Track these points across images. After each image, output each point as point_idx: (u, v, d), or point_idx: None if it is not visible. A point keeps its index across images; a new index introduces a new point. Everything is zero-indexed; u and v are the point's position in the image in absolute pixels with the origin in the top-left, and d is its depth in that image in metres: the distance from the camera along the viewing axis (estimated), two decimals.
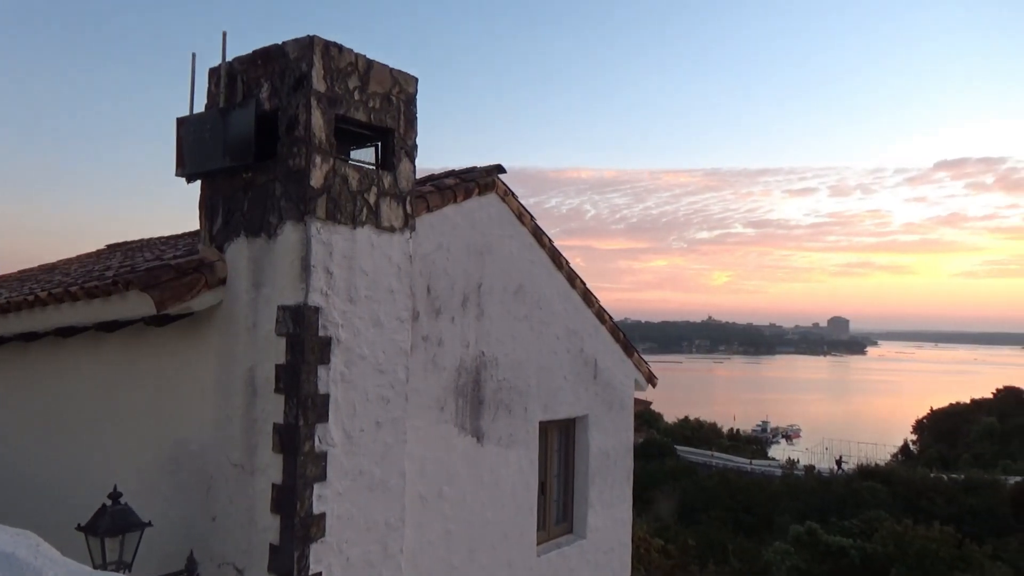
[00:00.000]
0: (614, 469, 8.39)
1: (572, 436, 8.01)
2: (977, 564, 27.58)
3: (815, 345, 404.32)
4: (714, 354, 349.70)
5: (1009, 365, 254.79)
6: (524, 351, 6.88)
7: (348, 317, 4.47)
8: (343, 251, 4.46)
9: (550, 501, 7.66)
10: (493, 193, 6.53)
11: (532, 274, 7.01)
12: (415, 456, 5.47)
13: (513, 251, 6.77)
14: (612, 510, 8.32)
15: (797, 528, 30.33)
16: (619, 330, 8.44)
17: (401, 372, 4.81)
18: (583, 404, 7.85)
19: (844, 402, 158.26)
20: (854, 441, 71.12)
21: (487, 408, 6.37)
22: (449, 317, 5.96)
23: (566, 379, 7.54)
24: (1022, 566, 30.49)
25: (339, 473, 4.40)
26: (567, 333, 7.55)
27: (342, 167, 4.51)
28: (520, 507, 6.77)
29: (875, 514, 33.39)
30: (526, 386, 6.90)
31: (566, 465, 7.99)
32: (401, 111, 4.88)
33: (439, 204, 5.81)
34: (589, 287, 7.87)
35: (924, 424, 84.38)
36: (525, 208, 6.92)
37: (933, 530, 29.84)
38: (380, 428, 4.66)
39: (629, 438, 8.77)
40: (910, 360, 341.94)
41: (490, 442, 6.39)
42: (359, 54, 4.63)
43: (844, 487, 43.01)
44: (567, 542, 7.68)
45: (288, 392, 4.25)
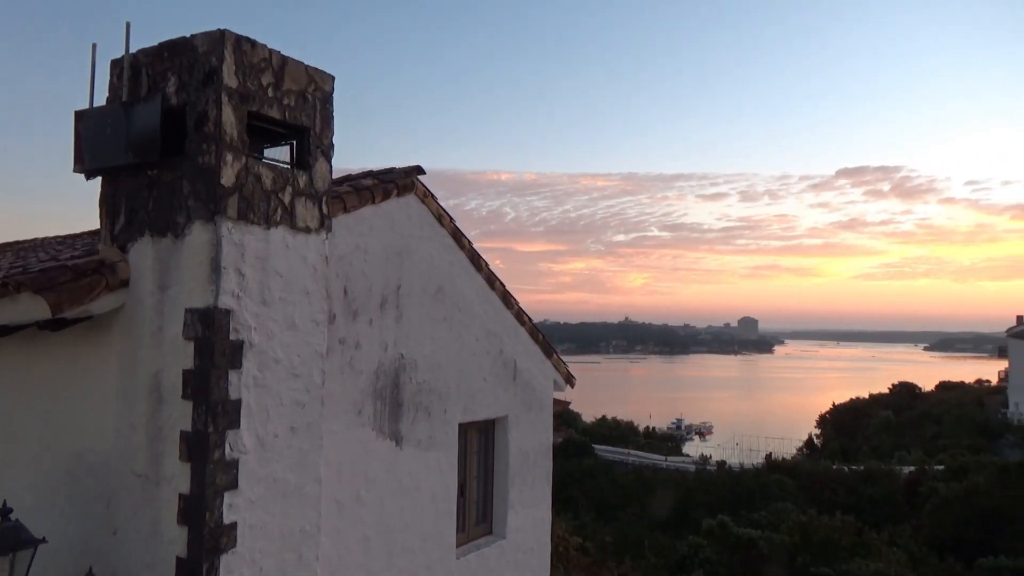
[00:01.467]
0: (534, 469, 8.45)
1: (492, 437, 8.02)
2: (875, 550, 29.11)
3: (726, 344, 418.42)
4: (631, 354, 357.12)
5: (903, 362, 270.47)
6: (444, 353, 6.85)
7: (261, 320, 4.34)
8: (256, 252, 4.32)
9: (470, 503, 7.65)
10: (412, 194, 6.47)
11: (452, 276, 6.99)
12: (332, 461, 5.36)
13: (432, 253, 6.73)
14: (532, 510, 8.38)
15: (709, 522, 31.31)
16: (538, 331, 8.51)
17: (317, 376, 4.71)
18: (503, 405, 7.88)
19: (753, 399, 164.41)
20: (763, 436, 73.88)
21: (406, 411, 6.31)
22: (367, 319, 5.87)
23: (486, 380, 7.54)
24: (915, 551, 32.37)
25: (252, 481, 4.27)
26: (487, 335, 7.56)
27: (255, 166, 4.37)
28: (439, 510, 6.73)
29: (782, 506, 34.83)
30: (446, 388, 6.87)
31: (486, 466, 8.00)
32: (317, 109, 4.78)
33: (356, 205, 5.72)
34: (509, 289, 7.90)
35: (827, 419, 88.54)
36: (445, 210, 6.89)
37: (835, 519, 31.33)
38: (295, 433, 4.54)
39: (548, 438, 8.85)
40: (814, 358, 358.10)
41: (409, 445, 6.33)
42: (273, 50, 4.50)
43: (753, 481, 44.65)
44: (487, 543, 7.68)
45: (196, 398, 4.09)
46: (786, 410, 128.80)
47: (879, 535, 32.19)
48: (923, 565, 30.29)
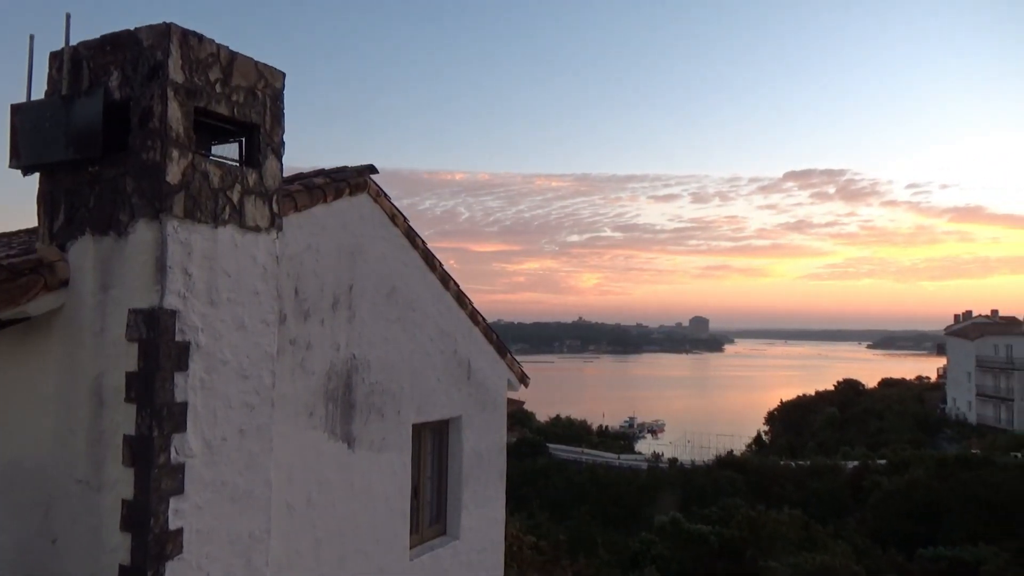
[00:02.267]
0: (487, 469, 8.45)
1: (446, 437, 8.00)
2: (821, 543, 29.87)
3: (678, 343, 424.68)
4: (584, 354, 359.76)
5: (848, 360, 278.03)
6: (397, 353, 6.80)
7: (209, 320, 4.24)
8: (203, 251, 4.23)
9: (423, 503, 7.62)
10: (365, 194, 6.41)
11: (405, 276, 6.94)
12: (282, 464, 5.27)
13: (386, 253, 6.67)
14: (485, 510, 8.38)
15: (661, 518, 31.73)
16: (492, 331, 8.51)
17: (267, 377, 4.62)
18: (457, 405, 7.86)
19: (704, 397, 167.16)
20: (713, 433, 75.18)
21: (359, 412, 6.25)
22: (319, 320, 5.79)
23: (439, 381, 7.51)
24: (859, 543, 33.31)
25: (199, 485, 4.17)
26: (440, 335, 7.53)
27: (202, 163, 4.27)
28: (392, 511, 6.68)
29: (732, 501, 35.47)
30: (399, 389, 6.82)
31: (439, 466, 7.97)
32: (267, 106, 4.69)
33: (308, 204, 5.64)
34: (463, 289, 7.89)
35: (775, 415, 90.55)
36: (398, 209, 6.84)
37: (783, 514, 32.05)
38: (244, 436, 4.46)
39: (502, 438, 8.86)
40: (763, 356, 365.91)
41: (362, 447, 6.27)
42: (221, 45, 4.41)
43: (704, 477, 45.39)
44: (440, 544, 7.66)
45: (140, 401, 3.98)
46: (736, 407, 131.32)
47: (825, 528, 33.05)
48: (867, 557, 31.19)
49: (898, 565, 30.80)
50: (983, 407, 72.61)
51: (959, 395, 78.23)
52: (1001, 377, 70.45)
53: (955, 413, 77.09)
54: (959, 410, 76.93)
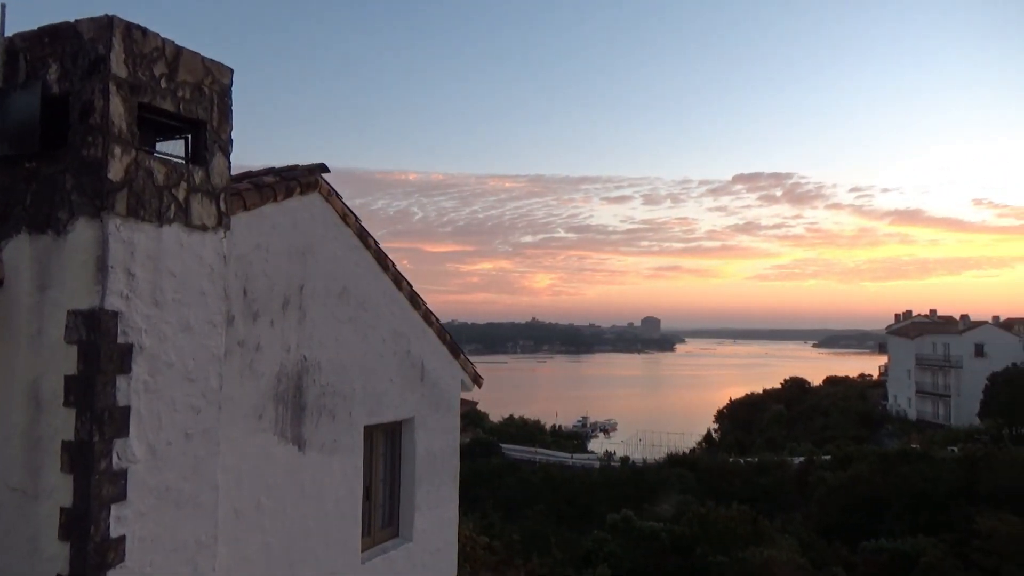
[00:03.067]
0: (441, 470, 8.41)
1: (399, 439, 7.93)
2: (769, 538, 30.51)
3: (630, 343, 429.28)
4: (538, 354, 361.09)
5: (794, 358, 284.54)
6: (349, 354, 6.72)
7: (153, 322, 4.13)
8: (147, 251, 4.11)
9: (376, 506, 7.54)
10: (316, 193, 6.32)
11: (357, 276, 6.87)
12: (230, 468, 5.17)
13: (337, 253, 6.59)
14: (439, 511, 8.34)
15: (614, 516, 32.03)
16: (446, 332, 8.48)
17: (214, 380, 4.52)
18: (410, 406, 7.80)
19: (656, 396, 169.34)
20: (664, 432, 76.18)
21: (309, 414, 6.15)
22: (268, 320, 5.69)
23: (392, 382, 7.45)
24: (805, 537, 34.14)
25: (142, 491, 4.06)
26: (393, 335, 7.47)
27: (146, 160, 4.16)
28: (344, 514, 6.60)
29: (683, 498, 36.03)
30: (351, 390, 6.74)
31: (392, 468, 7.91)
32: (214, 103, 4.59)
33: (257, 203, 5.53)
34: (416, 289, 7.84)
35: (724, 413, 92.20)
36: (350, 209, 6.76)
37: (732, 510, 32.63)
38: (190, 440, 4.35)
39: (455, 438, 8.83)
40: (712, 356, 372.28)
41: (312, 449, 6.18)
42: (167, 39, 4.30)
43: (655, 475, 45.98)
44: (393, 546, 7.60)
45: (80, 405, 3.85)
46: (687, 406, 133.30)
47: (772, 523, 33.78)
48: (812, 550, 31.99)
49: (842, 558, 31.67)
50: (922, 403, 75.07)
51: (899, 392, 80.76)
52: (939, 374, 72.92)
53: (896, 409, 79.56)
54: (900, 407, 79.41)
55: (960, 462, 42.45)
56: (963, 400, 67.04)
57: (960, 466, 41.54)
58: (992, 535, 30.34)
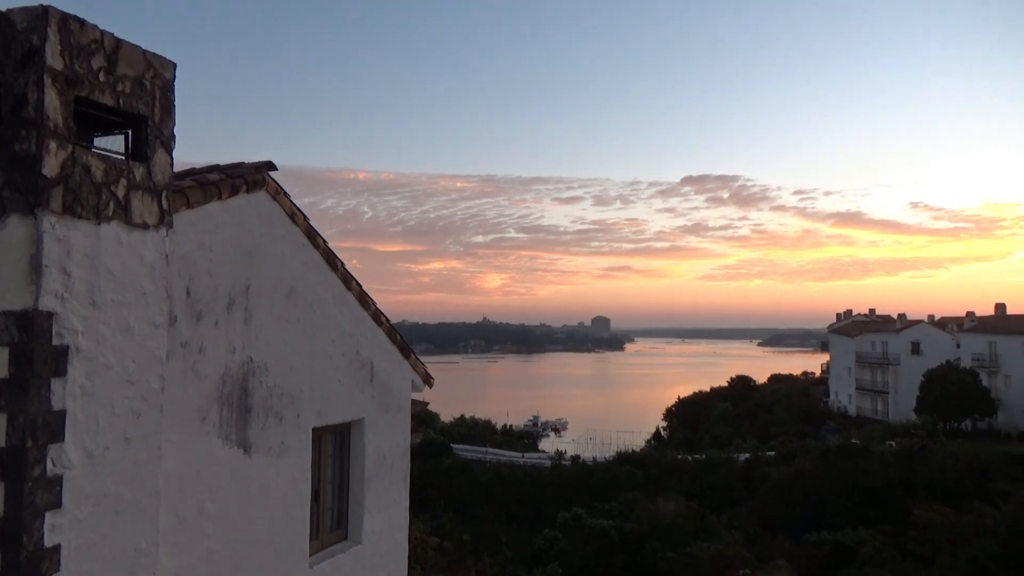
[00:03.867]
0: (391, 471, 8.35)
1: (348, 440, 7.84)
2: (715, 533, 31.10)
3: (580, 343, 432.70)
4: (489, 354, 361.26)
5: (741, 357, 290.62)
6: (297, 355, 6.61)
7: (90, 323, 4.00)
8: (84, 249, 3.98)
9: (324, 509, 7.44)
10: (263, 191, 6.20)
11: (305, 276, 6.76)
12: (172, 473, 5.04)
13: (285, 252, 6.48)
14: (389, 513, 8.27)
15: (564, 515, 32.24)
16: (396, 332, 8.41)
17: (155, 382, 4.40)
18: (359, 407, 7.72)
19: (606, 395, 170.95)
20: (614, 430, 77.00)
21: (255, 417, 6.04)
22: (212, 321, 5.56)
23: (341, 383, 7.36)
24: (750, 531, 34.89)
25: (78, 498, 3.92)
26: (342, 336, 7.38)
27: (84, 155, 4.02)
28: (291, 518, 6.49)
29: (632, 496, 36.48)
30: (298, 392, 6.63)
31: (341, 470, 7.81)
32: (156, 98, 4.46)
33: (201, 200, 5.40)
34: (366, 289, 7.76)
35: (672, 411, 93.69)
36: (298, 208, 6.65)
37: (680, 506, 33.15)
38: (129, 445, 4.22)
39: (406, 439, 8.77)
40: (661, 355, 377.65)
41: (258, 452, 6.06)
42: (106, 31, 4.16)
43: (605, 473, 46.45)
44: (342, 549, 7.50)
45: (12, 410, 3.70)
46: (636, 405, 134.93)
47: (719, 518, 34.45)
48: (757, 543, 32.73)
49: (786, 550, 32.45)
50: (862, 400, 77.44)
51: (841, 389, 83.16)
52: (878, 372, 75.32)
53: (837, 406, 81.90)
54: (841, 403, 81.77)
55: (897, 456, 43.99)
56: (900, 396, 69.38)
57: (897, 460, 43.04)
58: (927, 526, 31.48)
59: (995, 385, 63.12)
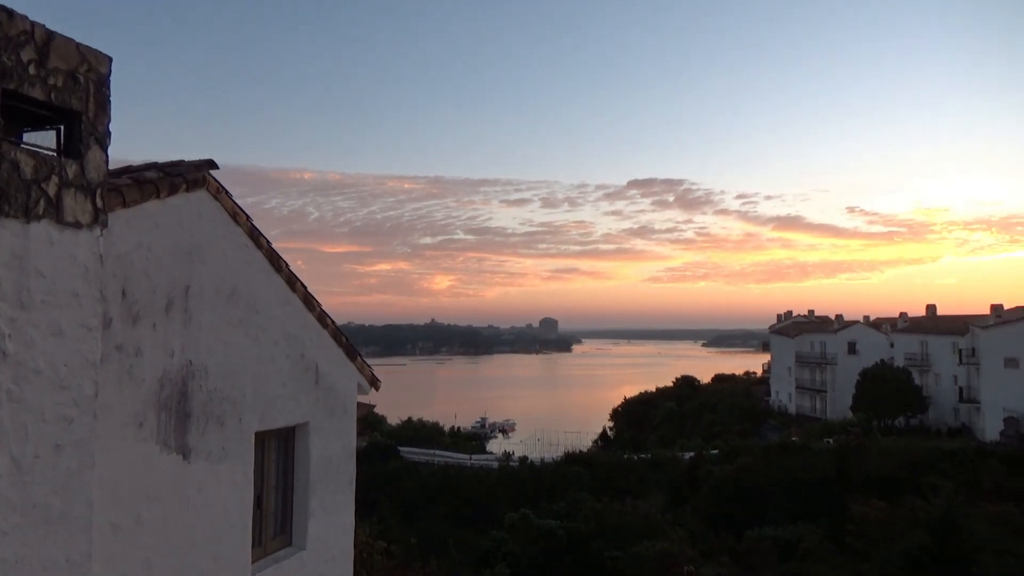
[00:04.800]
0: (336, 475, 8.24)
1: (292, 445, 7.71)
2: (661, 531, 31.53)
3: (528, 344, 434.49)
4: (437, 355, 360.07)
5: (685, 357, 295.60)
6: (239, 358, 6.47)
7: (18, 326, 3.84)
8: (12, 249, 3.82)
9: (267, 514, 7.30)
10: (204, 190, 6.05)
11: (248, 277, 6.62)
12: (107, 480, 4.87)
13: (226, 252, 6.34)
14: (334, 517, 8.16)
15: (512, 515, 32.29)
16: (342, 334, 8.31)
17: (88, 387, 4.24)
18: (303, 411, 7.60)
19: (554, 396, 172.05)
20: (562, 431, 77.46)
21: (195, 422, 5.88)
22: (150, 324, 5.40)
23: (285, 386, 7.23)
24: (694, 528, 35.52)
25: (5, 509, 3.76)
26: (286, 338, 7.25)
27: (12, 151, 3.86)
28: (233, 525, 6.34)
29: (580, 496, 36.73)
30: (240, 395, 6.49)
31: (285, 475, 7.68)
32: (90, 92, 4.31)
33: (138, 199, 5.24)
34: (311, 290, 7.64)
35: (619, 411, 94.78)
36: (240, 207, 6.51)
37: (627, 505, 33.53)
38: (60, 452, 4.07)
39: (352, 443, 8.67)
40: (608, 356, 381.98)
41: (198, 458, 5.91)
42: (36, 23, 4.00)
43: (553, 474, 46.70)
44: (286, 555, 7.37)
45: None
46: (583, 405, 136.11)
47: (664, 517, 34.95)
48: (702, 541, 33.33)
49: (729, 546, 33.14)
50: (801, 398, 79.56)
51: (781, 388, 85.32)
52: (816, 371, 77.49)
53: (778, 404, 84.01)
54: (781, 401, 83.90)
55: (834, 453, 45.34)
56: (837, 395, 71.55)
57: (834, 456, 44.36)
58: (863, 520, 32.52)
59: (926, 383, 65.60)
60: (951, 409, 63.11)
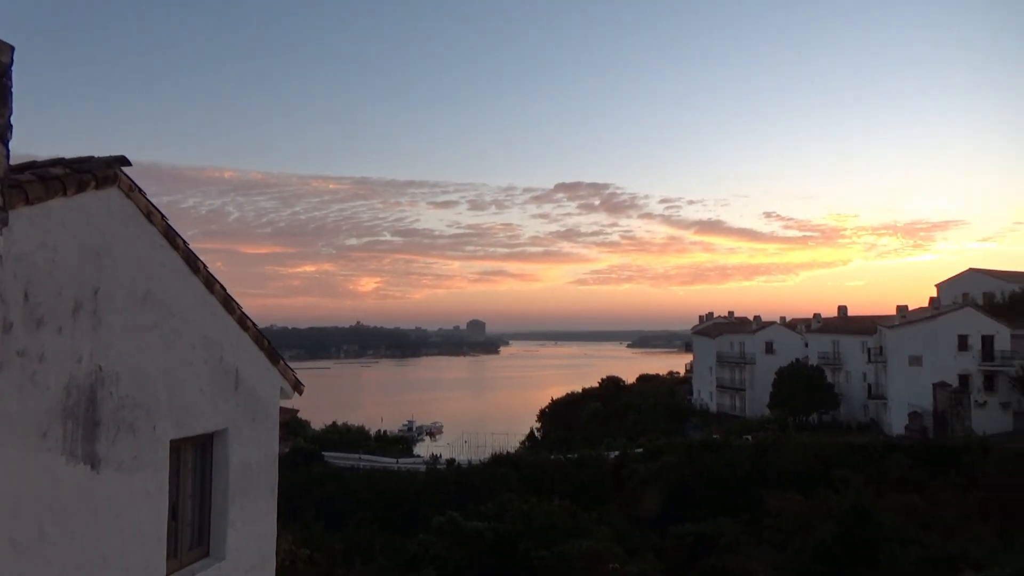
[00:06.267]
0: (257, 482, 8.01)
1: (210, 452, 7.45)
2: (587, 530, 31.93)
3: (456, 346, 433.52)
4: (363, 358, 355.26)
5: (611, 358, 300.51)
6: (153, 363, 6.21)
7: None
8: None
9: (183, 525, 7.03)
10: (115, 187, 5.79)
11: (163, 278, 6.37)
12: (7, 494, 4.60)
13: (140, 253, 6.08)
14: (255, 526, 7.93)
15: (439, 518, 32.11)
16: (264, 337, 8.09)
17: None
18: (222, 417, 7.36)
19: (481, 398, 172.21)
20: (489, 432, 77.54)
21: (105, 430, 5.61)
22: (55, 328, 5.12)
23: (203, 392, 6.99)
24: (619, 526, 36.12)
25: None
26: (204, 342, 7.01)
27: None
28: (146, 536, 6.08)
29: (507, 497, 36.81)
30: (155, 402, 6.23)
31: (203, 483, 7.41)
32: None
33: (43, 196, 4.97)
34: (231, 293, 7.41)
35: (546, 412, 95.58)
36: (155, 206, 6.26)
37: (553, 505, 33.80)
38: None
39: (274, 449, 8.44)
40: (535, 357, 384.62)
41: (109, 468, 5.64)
42: None
43: (480, 475, 46.69)
44: (203, 567, 7.12)
45: None
46: (511, 407, 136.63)
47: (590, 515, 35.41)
48: (626, 538, 33.91)
49: (653, 543, 33.84)
50: (722, 397, 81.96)
51: (703, 387, 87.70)
52: (736, 370, 79.96)
53: (700, 403, 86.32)
54: (703, 400, 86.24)
55: (753, 449, 46.91)
56: (756, 393, 73.99)
57: (753, 453, 45.88)
58: (779, 513, 33.73)
59: (838, 381, 68.59)
60: (861, 405, 66.15)
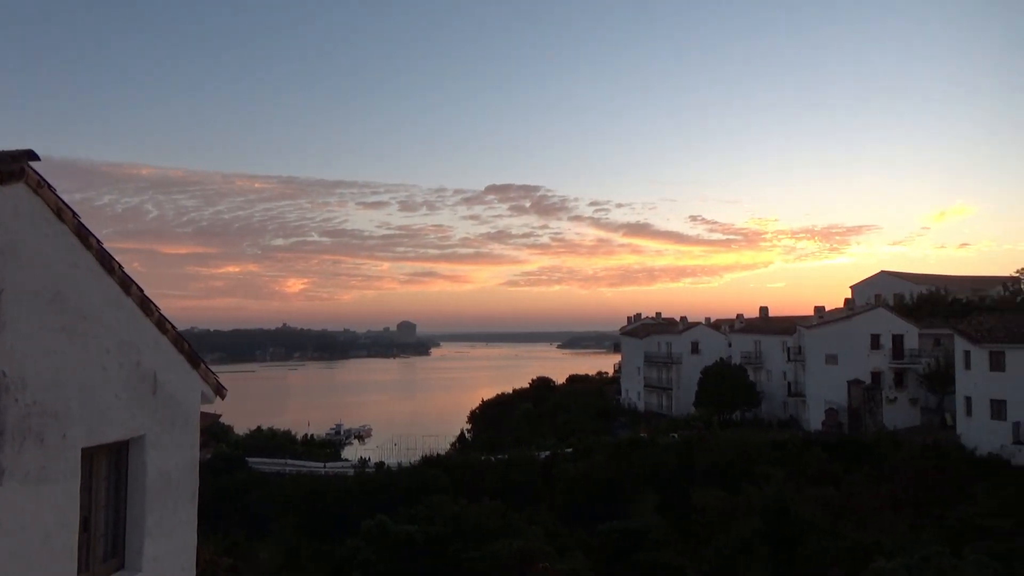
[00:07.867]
0: (176, 491, 7.72)
1: (126, 460, 7.15)
2: (518, 529, 32.07)
3: (386, 348, 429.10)
4: (289, 361, 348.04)
5: (541, 359, 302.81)
6: (63, 368, 5.92)
7: None
8: None
9: (96, 537, 6.72)
10: (22, 183, 5.49)
11: (74, 279, 6.08)
12: None
13: (49, 252, 5.78)
14: (173, 536, 7.65)
15: (368, 522, 31.69)
16: (184, 340, 7.81)
17: None
18: (139, 423, 7.07)
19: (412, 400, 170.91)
20: (420, 435, 77.01)
21: (10, 439, 5.31)
22: None
23: (118, 397, 6.69)
24: (550, 525, 36.41)
25: None
26: (120, 345, 6.72)
27: None
28: (55, 550, 5.79)
29: (438, 499, 36.64)
30: (65, 409, 5.93)
31: (118, 493, 7.10)
32: None
33: None
34: (149, 294, 7.13)
35: (477, 414, 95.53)
36: (66, 203, 5.96)
37: (484, 506, 33.82)
38: None
39: (194, 455, 8.16)
40: (466, 358, 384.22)
41: (13, 479, 5.34)
42: None
43: (410, 478, 46.31)
44: None
45: None
46: (441, 408, 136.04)
47: (521, 515, 35.59)
48: (557, 537, 34.21)
49: (582, 541, 34.24)
50: (649, 396, 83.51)
51: (631, 387, 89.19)
52: (663, 370, 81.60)
53: (628, 403, 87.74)
54: (631, 400, 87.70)
55: (679, 446, 47.99)
56: (682, 392, 75.68)
57: (680, 450, 46.93)
58: (704, 508, 34.63)
59: (760, 379, 70.83)
60: (781, 403, 68.48)
